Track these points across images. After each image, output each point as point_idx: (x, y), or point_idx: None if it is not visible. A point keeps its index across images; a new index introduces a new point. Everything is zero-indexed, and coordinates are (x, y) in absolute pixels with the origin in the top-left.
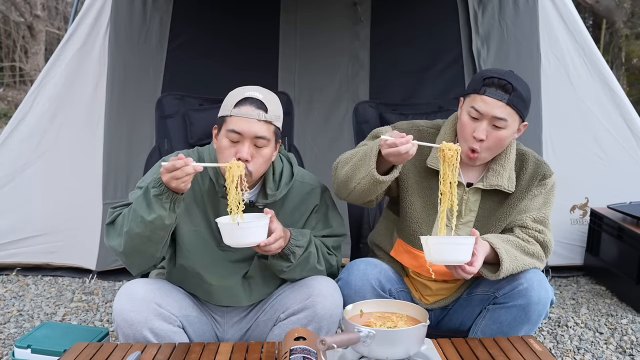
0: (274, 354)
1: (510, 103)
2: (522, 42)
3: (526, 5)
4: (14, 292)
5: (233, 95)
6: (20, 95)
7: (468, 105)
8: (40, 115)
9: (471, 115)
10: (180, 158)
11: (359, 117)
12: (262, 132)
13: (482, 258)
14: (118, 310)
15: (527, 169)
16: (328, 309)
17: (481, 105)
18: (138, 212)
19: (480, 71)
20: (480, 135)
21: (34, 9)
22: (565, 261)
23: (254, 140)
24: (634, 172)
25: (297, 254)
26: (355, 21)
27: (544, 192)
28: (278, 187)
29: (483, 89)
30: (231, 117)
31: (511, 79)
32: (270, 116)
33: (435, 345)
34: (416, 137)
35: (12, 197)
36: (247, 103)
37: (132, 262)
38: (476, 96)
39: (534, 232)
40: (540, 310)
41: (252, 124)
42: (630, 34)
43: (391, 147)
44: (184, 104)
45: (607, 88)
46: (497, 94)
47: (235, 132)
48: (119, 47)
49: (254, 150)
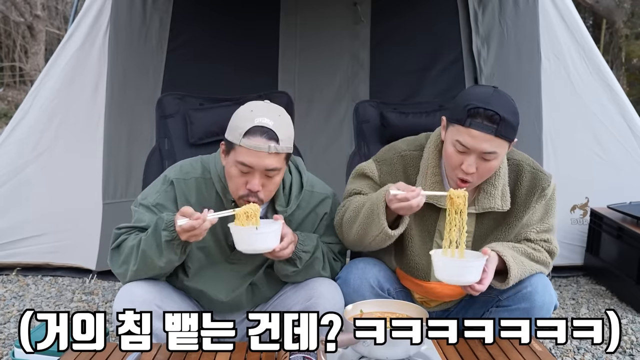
0: (274, 354)
1: (499, 134)
2: (522, 42)
3: (526, 5)
4: (14, 292)
5: (241, 118)
6: (20, 95)
7: (453, 137)
8: (39, 115)
9: (457, 149)
10: (197, 217)
11: (359, 116)
12: (274, 164)
13: (492, 273)
14: (119, 296)
15: (522, 182)
16: (329, 309)
17: (468, 140)
18: (148, 253)
19: (462, 96)
20: (470, 170)
21: (34, 9)
22: (565, 261)
23: (264, 172)
24: (634, 172)
25: (304, 259)
26: (355, 21)
27: (544, 203)
28: (288, 201)
29: (468, 122)
30: (241, 148)
31: (498, 108)
32: (282, 147)
33: (435, 345)
34: (400, 165)
35: (12, 197)
36: (258, 134)
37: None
38: (461, 128)
39: (541, 242)
40: (544, 314)
41: (263, 158)
42: (630, 34)
43: (402, 201)
44: (184, 104)
45: (608, 88)
46: (484, 127)
47: (245, 165)
48: (118, 47)
49: (265, 180)
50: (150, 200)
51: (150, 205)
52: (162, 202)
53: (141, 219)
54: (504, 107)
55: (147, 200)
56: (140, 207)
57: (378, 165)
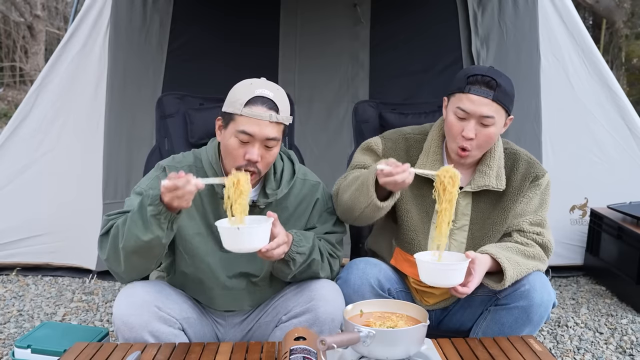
0: (274, 354)
1: (496, 99)
2: (521, 42)
3: (526, 5)
4: (14, 292)
5: (241, 91)
6: (20, 95)
7: (454, 105)
8: (41, 117)
9: (458, 115)
10: (180, 176)
11: (359, 116)
12: (274, 133)
13: (479, 277)
14: (118, 314)
15: (518, 169)
16: (330, 312)
17: (467, 105)
18: (133, 230)
19: (462, 71)
20: (469, 135)
21: (34, 9)
22: (565, 261)
23: (264, 141)
24: (633, 172)
25: (298, 261)
26: (355, 22)
27: (539, 193)
28: (279, 185)
29: (468, 87)
30: (241, 117)
31: (494, 75)
32: (282, 117)
33: (435, 345)
34: (403, 145)
35: (12, 197)
36: (259, 103)
37: (123, 275)
38: (461, 95)
39: (533, 234)
40: (542, 312)
41: (263, 127)
42: (630, 34)
43: (387, 176)
44: (184, 104)
45: (607, 88)
46: (482, 92)
47: (246, 133)
48: (119, 48)
49: (263, 150)
50: (143, 186)
51: (142, 192)
52: (155, 187)
53: (131, 204)
54: (500, 76)
55: (139, 187)
56: (133, 194)
57: (383, 141)
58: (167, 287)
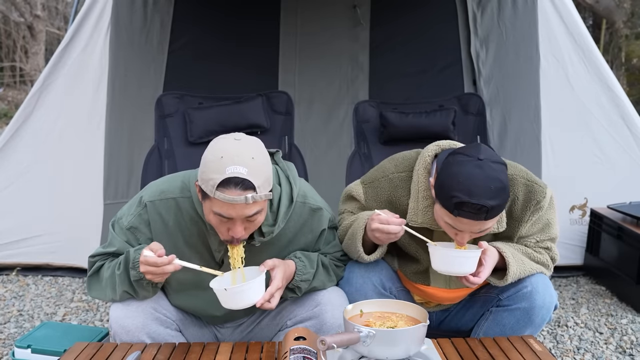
0: (274, 354)
1: (488, 218)
2: (521, 43)
3: (525, 6)
4: (14, 292)
5: (211, 169)
6: (20, 95)
7: (443, 216)
8: (43, 118)
9: (449, 225)
10: (161, 255)
11: (359, 116)
12: (254, 210)
13: (490, 268)
14: (114, 318)
15: (518, 197)
16: (337, 318)
17: (458, 225)
18: (121, 287)
19: (446, 180)
20: (464, 241)
21: (34, 9)
22: (565, 261)
23: (245, 219)
24: (633, 172)
25: (303, 289)
26: (354, 23)
27: (543, 215)
28: (275, 218)
29: (456, 212)
30: (215, 200)
31: (483, 198)
32: (259, 195)
33: (435, 345)
34: (387, 188)
35: (12, 198)
36: (232, 185)
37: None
38: (451, 215)
39: (541, 249)
40: (544, 314)
41: (240, 209)
42: (630, 34)
43: (382, 223)
44: (183, 103)
45: (606, 88)
46: (472, 216)
47: (223, 216)
48: (119, 48)
49: (247, 223)
50: (125, 222)
51: (124, 227)
52: (136, 224)
53: (113, 243)
54: (489, 193)
55: (122, 222)
56: (115, 226)
57: (364, 188)
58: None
